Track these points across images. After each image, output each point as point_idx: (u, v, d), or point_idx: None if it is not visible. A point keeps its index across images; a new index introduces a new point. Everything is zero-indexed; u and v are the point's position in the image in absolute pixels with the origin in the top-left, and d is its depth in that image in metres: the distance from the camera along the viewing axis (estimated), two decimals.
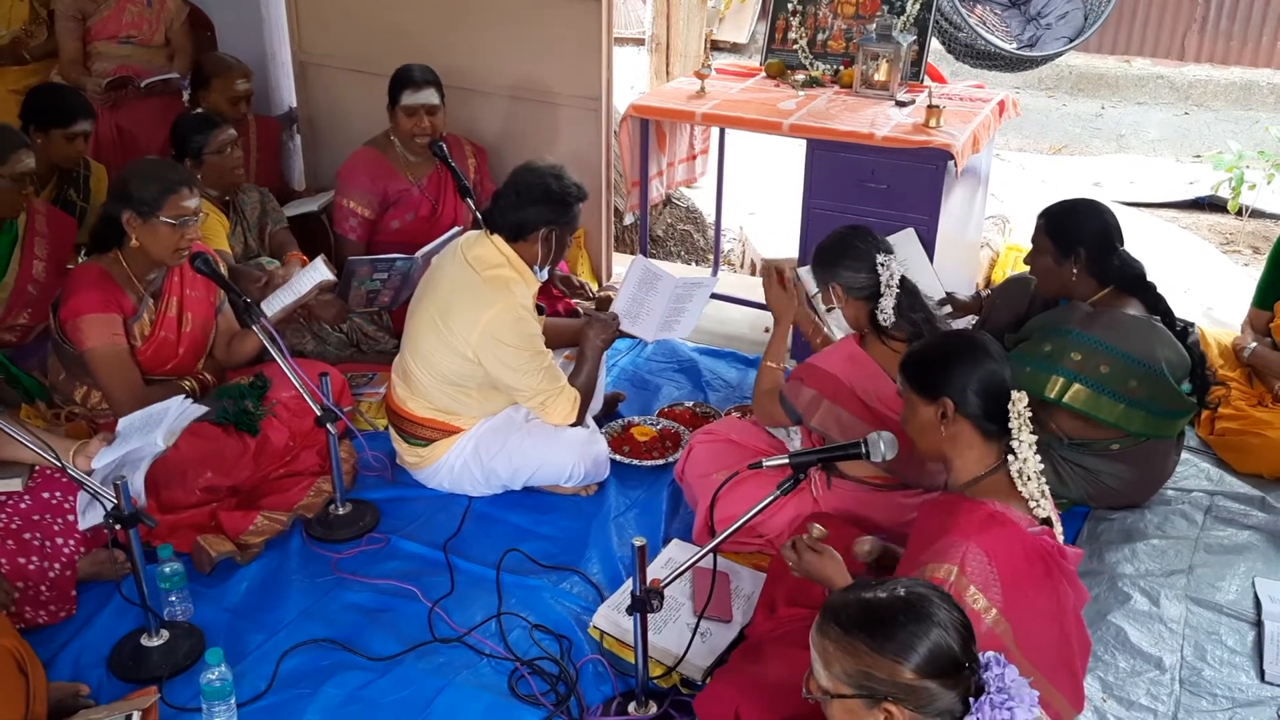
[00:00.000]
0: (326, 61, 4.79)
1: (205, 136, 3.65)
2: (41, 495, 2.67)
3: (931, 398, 2.13)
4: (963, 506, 2.07)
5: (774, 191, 5.86)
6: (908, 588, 1.61)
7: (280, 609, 2.75)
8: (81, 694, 2.41)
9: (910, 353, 2.24)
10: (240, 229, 3.88)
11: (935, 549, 2.01)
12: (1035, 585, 2.01)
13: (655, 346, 4.07)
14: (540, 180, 3.02)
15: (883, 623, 1.57)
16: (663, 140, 4.29)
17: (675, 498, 3.21)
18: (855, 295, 2.77)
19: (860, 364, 2.75)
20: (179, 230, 2.93)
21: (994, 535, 1.99)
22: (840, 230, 2.85)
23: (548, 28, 4.24)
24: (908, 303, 2.74)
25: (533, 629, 2.68)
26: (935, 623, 1.56)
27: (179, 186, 2.93)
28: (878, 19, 4.00)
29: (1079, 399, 2.99)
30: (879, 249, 2.75)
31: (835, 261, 2.78)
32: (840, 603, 1.63)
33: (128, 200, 2.92)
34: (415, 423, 3.15)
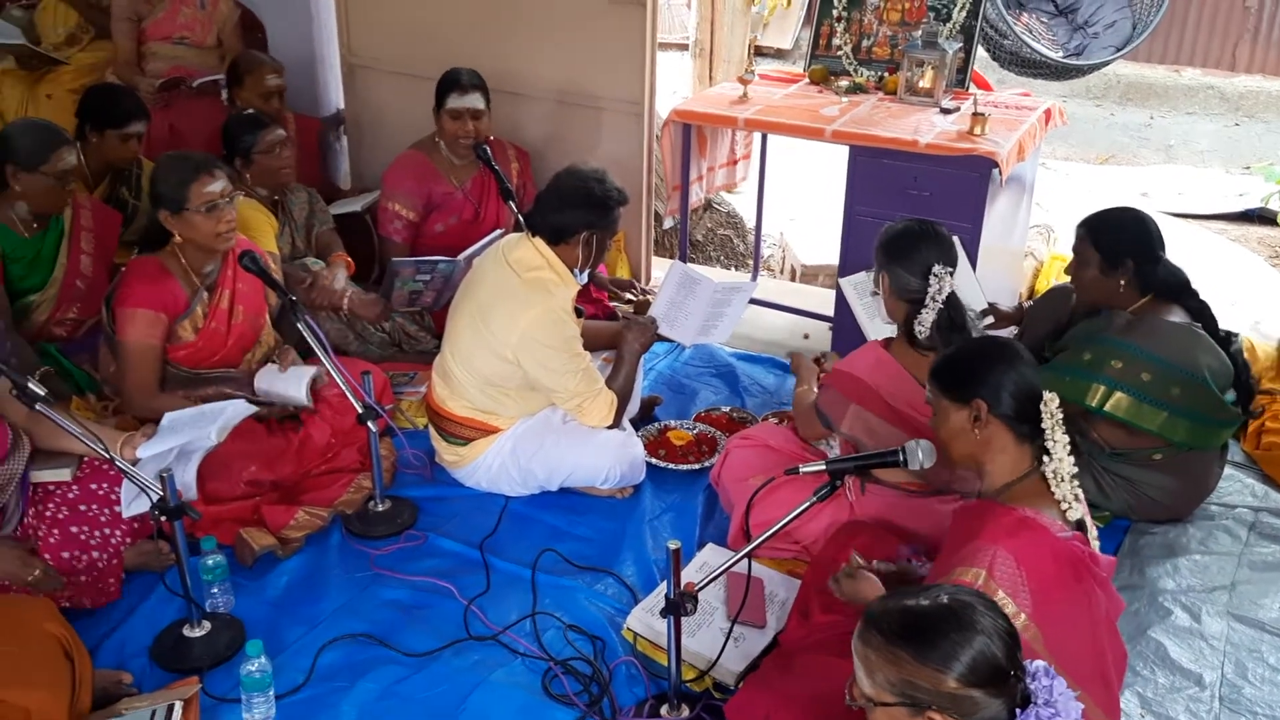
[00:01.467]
0: (374, 64, 4.85)
1: (254, 136, 3.69)
2: (89, 486, 2.73)
3: (963, 401, 2.11)
4: (993, 512, 2.06)
5: (815, 197, 5.85)
6: (951, 595, 1.59)
7: (319, 603, 2.79)
8: (124, 682, 2.45)
9: (940, 359, 2.22)
10: (289, 230, 3.92)
11: (963, 553, 2.00)
12: (1065, 590, 2.00)
13: (693, 351, 4.07)
14: (582, 184, 3.03)
15: (925, 631, 1.55)
16: (704, 145, 4.30)
17: (710, 502, 3.21)
18: (900, 295, 2.73)
19: (886, 367, 2.74)
20: (212, 216, 2.99)
21: (1023, 540, 1.98)
22: (913, 224, 2.76)
23: (592, 33, 4.26)
24: (949, 322, 2.67)
25: (567, 629, 2.70)
26: (979, 630, 1.54)
27: (198, 174, 2.98)
28: (923, 26, 3.98)
29: (1120, 407, 2.96)
30: (940, 258, 2.68)
31: (893, 255, 2.72)
32: (882, 610, 1.61)
33: (158, 200, 3.00)
34: (454, 422, 3.18)
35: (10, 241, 3.29)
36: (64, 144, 3.27)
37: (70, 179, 3.31)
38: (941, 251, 2.69)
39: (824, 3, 4.27)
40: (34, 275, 3.36)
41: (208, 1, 4.79)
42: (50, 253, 3.39)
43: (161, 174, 3.01)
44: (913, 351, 2.72)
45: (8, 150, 3.22)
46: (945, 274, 2.65)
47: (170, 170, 3.00)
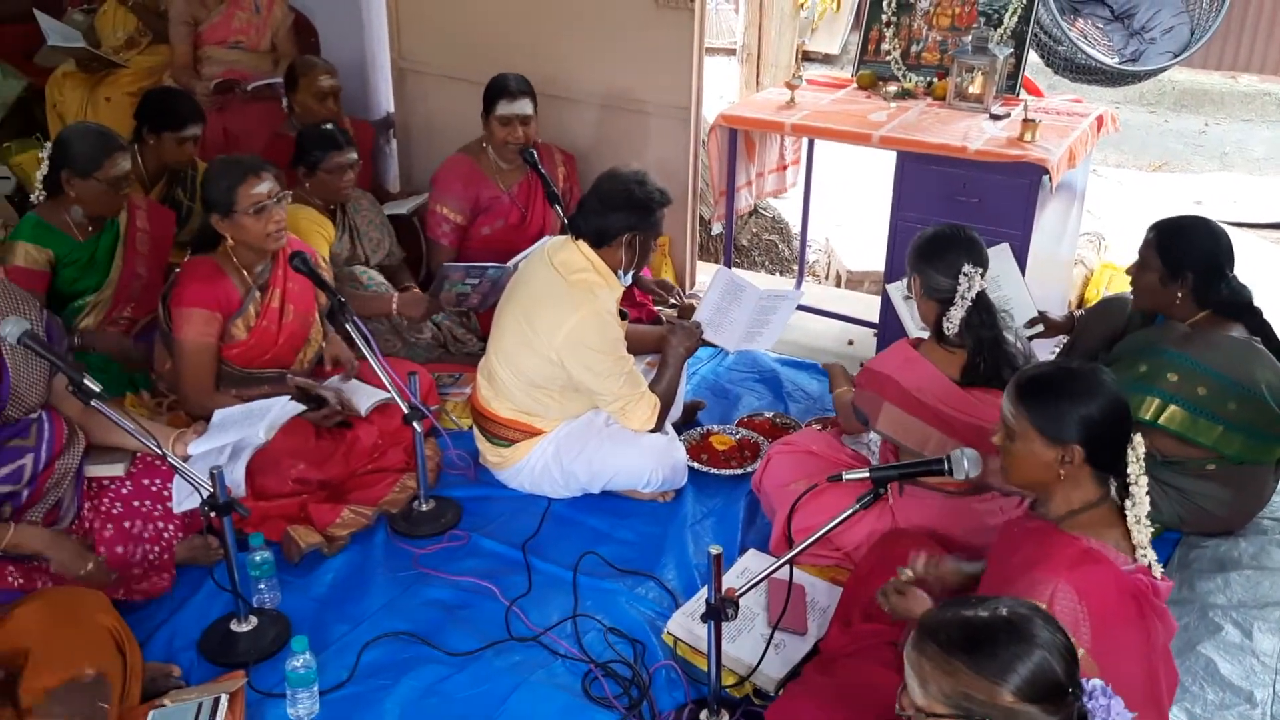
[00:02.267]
0: (424, 68, 4.89)
1: (324, 154, 3.67)
2: (142, 482, 2.78)
3: (1058, 441, 2.01)
4: (1056, 540, 2.00)
5: (861, 203, 5.82)
6: (1010, 607, 1.56)
7: (363, 601, 2.82)
8: (173, 675, 2.50)
9: (1034, 384, 2.08)
10: (348, 235, 3.91)
11: (1022, 584, 1.94)
12: (1126, 625, 1.94)
13: (736, 356, 4.07)
14: (623, 186, 3.04)
15: (982, 643, 1.52)
16: (752, 150, 4.29)
17: (752, 507, 3.21)
18: (931, 295, 2.74)
19: (915, 365, 2.74)
20: (261, 217, 3.03)
21: (1086, 573, 1.92)
22: (944, 229, 2.78)
23: (640, 38, 4.28)
24: (978, 319, 2.68)
25: (607, 632, 2.71)
26: (1038, 644, 1.51)
27: (245, 177, 3.02)
28: (974, 31, 3.95)
29: (1175, 421, 2.91)
30: (970, 259, 2.68)
31: (925, 258, 2.74)
32: (939, 620, 1.58)
33: (209, 204, 3.04)
34: (498, 423, 3.20)
35: (64, 245, 3.36)
36: (118, 150, 3.31)
37: (124, 184, 3.36)
38: (971, 252, 2.71)
39: (873, 7, 4.25)
40: (88, 278, 3.43)
41: (262, 6, 4.87)
42: (105, 255, 3.45)
43: (211, 178, 3.06)
44: (940, 349, 2.74)
45: (63, 156, 3.28)
46: (975, 273, 2.66)
47: (219, 175, 3.05)
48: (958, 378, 2.70)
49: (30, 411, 2.60)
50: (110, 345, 3.46)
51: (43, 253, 3.32)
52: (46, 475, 2.61)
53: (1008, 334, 2.73)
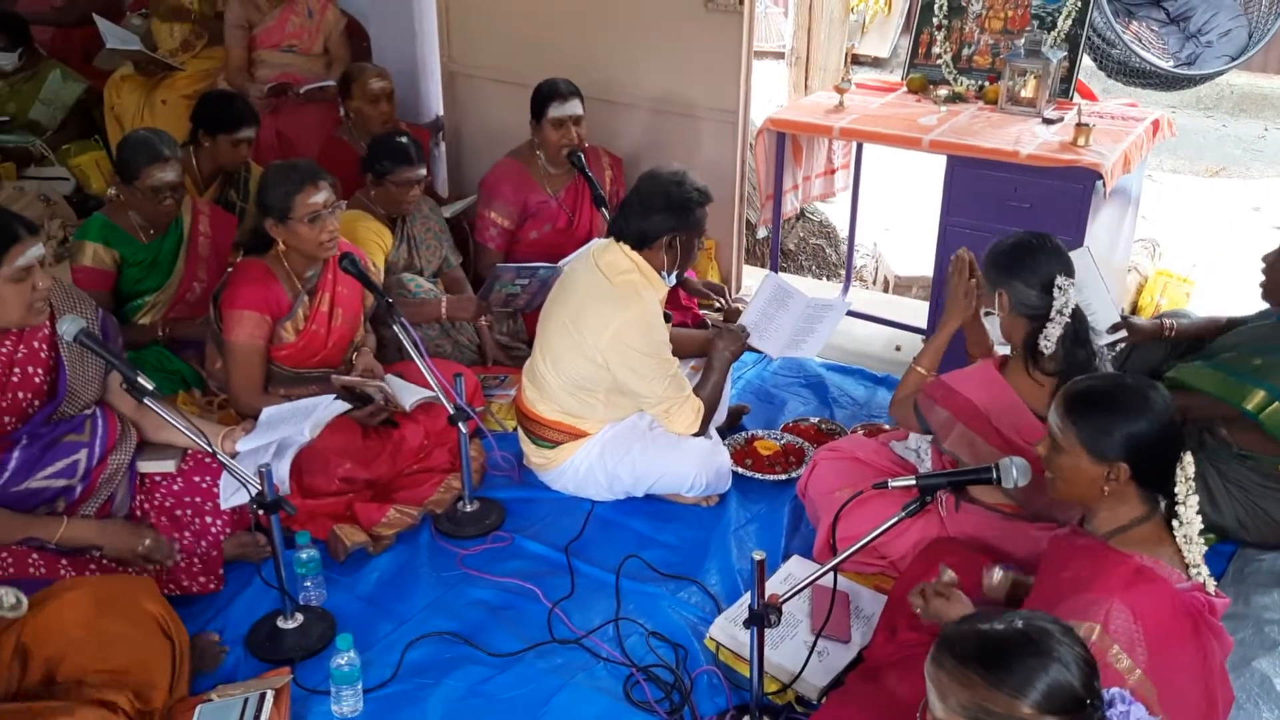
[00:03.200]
0: (474, 72, 4.93)
1: (394, 166, 3.68)
2: (193, 479, 2.82)
3: (1104, 458, 1.97)
4: (1108, 558, 1.96)
5: (910, 208, 5.77)
6: (1027, 620, 1.55)
7: (408, 600, 2.84)
8: (214, 640, 2.57)
9: (1082, 397, 2.02)
10: (407, 245, 3.92)
11: (1075, 604, 1.91)
12: (1182, 644, 1.90)
13: (782, 361, 4.04)
14: (660, 188, 3.04)
15: (1000, 656, 1.51)
16: (799, 154, 4.27)
17: (796, 513, 3.19)
18: (1020, 311, 2.60)
19: (998, 391, 2.62)
20: (315, 225, 3.06)
21: (1141, 592, 1.88)
22: (1024, 236, 2.63)
23: (688, 41, 4.27)
24: (1074, 337, 2.55)
25: (649, 636, 2.70)
26: (1055, 658, 1.49)
27: (302, 185, 3.04)
28: (1026, 34, 3.90)
29: (1276, 417, 2.83)
30: (1061, 269, 2.54)
31: (1011, 269, 2.60)
32: (956, 634, 1.57)
33: (265, 209, 3.08)
34: (543, 425, 3.21)
35: (129, 246, 3.42)
36: (158, 161, 3.34)
37: (164, 195, 3.38)
38: (1060, 260, 2.56)
39: (924, 10, 4.21)
40: (151, 278, 3.49)
41: (315, 10, 4.93)
42: (167, 258, 3.52)
43: (269, 183, 3.09)
44: (1029, 377, 2.60)
45: (117, 160, 3.37)
46: (1069, 285, 2.51)
47: (277, 181, 3.07)
48: (1043, 412, 2.54)
49: (85, 408, 2.66)
50: (194, 332, 3.51)
51: (110, 253, 3.39)
52: (100, 470, 2.66)
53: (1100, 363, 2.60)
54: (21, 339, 2.52)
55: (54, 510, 2.59)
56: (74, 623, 2.22)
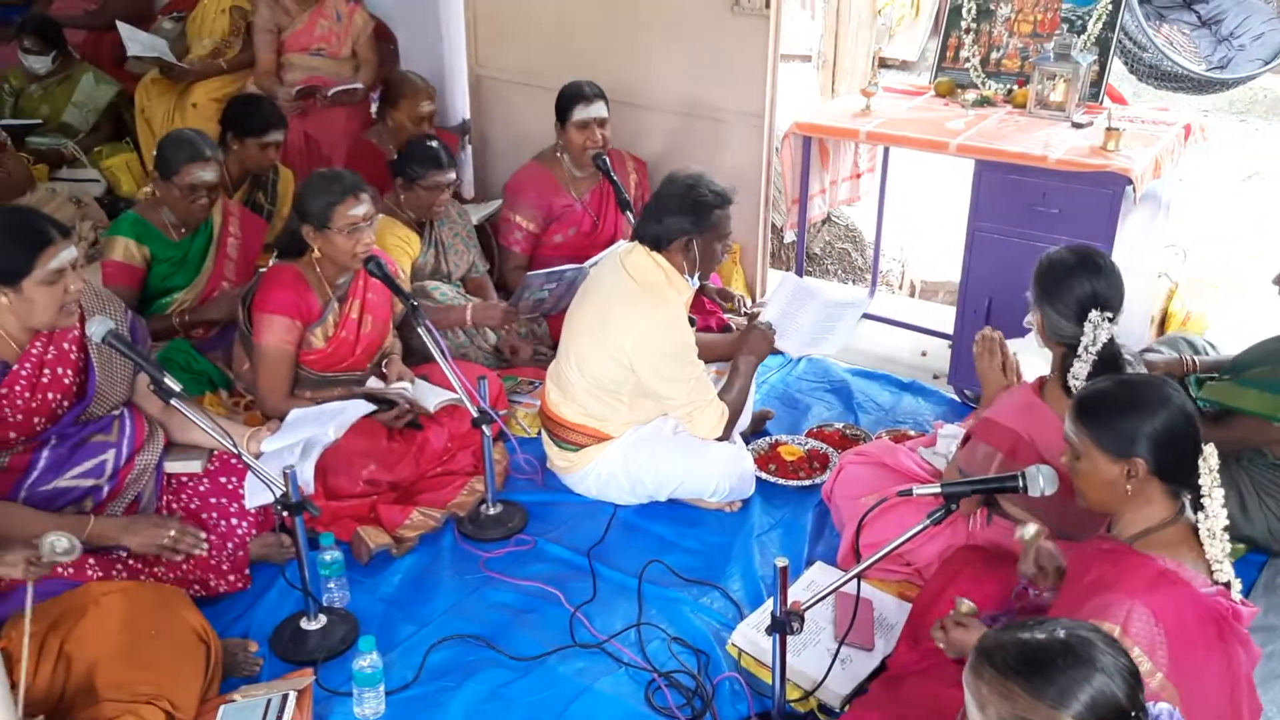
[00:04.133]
0: (500, 75, 4.94)
1: (425, 171, 3.69)
2: (219, 479, 2.84)
3: (1119, 455, 1.96)
4: (1129, 561, 1.94)
5: (937, 212, 5.73)
6: (1069, 629, 1.52)
7: (430, 603, 2.84)
8: (250, 649, 2.57)
9: (1092, 400, 2.02)
10: (435, 250, 3.93)
11: (1096, 605, 1.89)
12: (1206, 649, 1.88)
13: (807, 365, 4.03)
14: (676, 191, 3.03)
15: (1041, 667, 1.48)
16: (825, 158, 4.26)
17: (820, 520, 3.17)
18: (1053, 337, 2.54)
19: (1038, 414, 2.54)
20: (352, 237, 3.07)
21: (1163, 594, 1.87)
22: (1067, 255, 2.50)
23: (715, 44, 4.26)
24: (1104, 370, 2.40)
25: (671, 641, 2.69)
26: (1098, 668, 1.46)
27: (344, 197, 3.05)
28: (1056, 38, 3.86)
29: None
30: (1097, 300, 2.41)
31: (1046, 291, 2.51)
32: (996, 644, 1.54)
33: (304, 216, 3.09)
34: (566, 427, 3.21)
35: (159, 244, 3.46)
36: (198, 160, 3.37)
37: (200, 193, 3.41)
38: (1100, 288, 2.42)
39: (952, 14, 4.18)
40: (179, 276, 3.52)
41: (343, 14, 4.96)
42: (196, 256, 3.54)
43: (311, 190, 3.09)
44: (1068, 400, 2.49)
45: (156, 157, 3.40)
46: (1103, 321, 2.38)
47: (320, 189, 3.07)
48: None
49: (113, 408, 2.69)
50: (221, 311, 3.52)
51: (140, 250, 3.42)
52: (127, 470, 2.68)
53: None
54: (51, 340, 2.55)
55: (81, 510, 2.61)
56: (113, 631, 2.24)
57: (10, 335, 2.49)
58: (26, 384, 2.50)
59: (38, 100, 5.45)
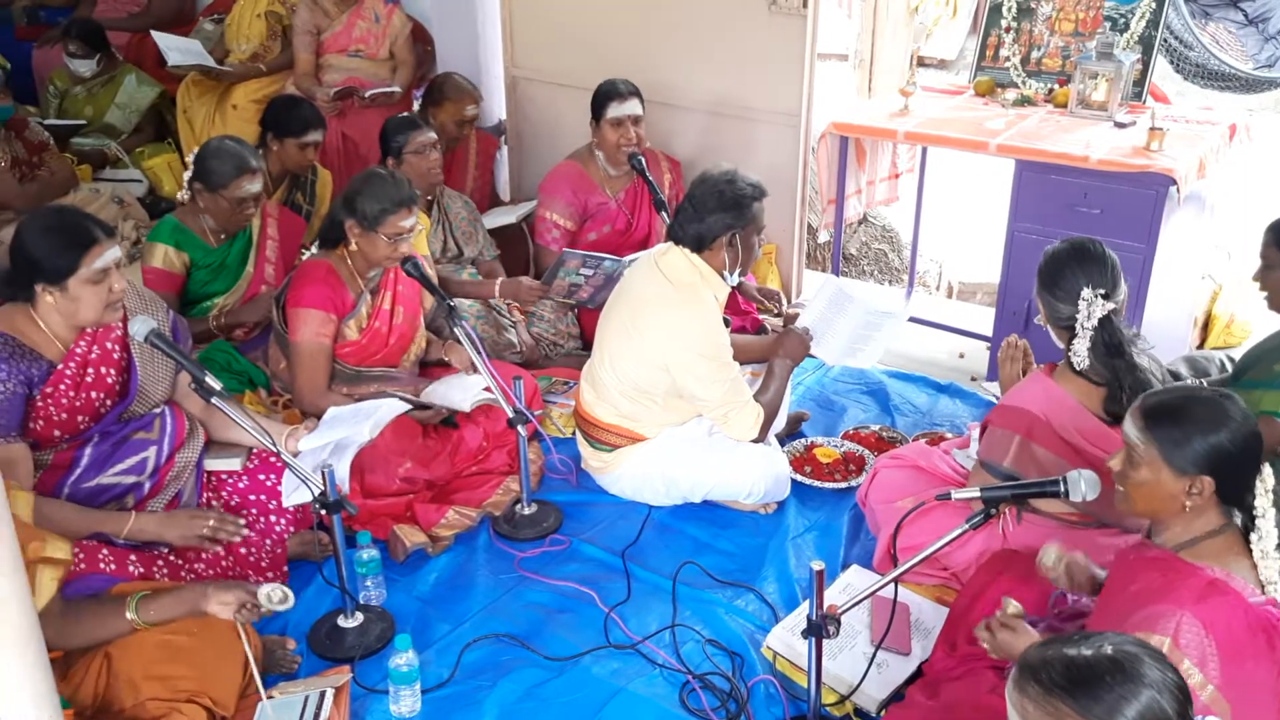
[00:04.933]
0: (535, 76, 4.95)
1: (405, 137, 3.79)
2: (258, 477, 2.87)
3: (1186, 472, 1.91)
4: (1178, 570, 1.91)
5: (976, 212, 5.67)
6: (1115, 645, 1.48)
7: (465, 602, 2.85)
8: (288, 647, 2.58)
9: (1164, 411, 1.96)
10: (442, 228, 4.00)
11: (1143, 616, 1.86)
12: (1257, 660, 1.83)
13: (843, 367, 4.00)
14: (713, 188, 3.03)
15: (1087, 683, 1.44)
16: (862, 158, 4.23)
17: (856, 522, 3.15)
18: (1055, 324, 2.61)
19: (1051, 394, 2.58)
20: (393, 244, 3.11)
21: (1213, 605, 1.83)
22: (1062, 247, 2.61)
23: (751, 43, 4.25)
24: (1104, 348, 2.51)
25: (706, 643, 2.69)
26: (1146, 684, 1.43)
27: (399, 207, 3.09)
28: (1098, 36, 3.82)
29: None
30: (1089, 279, 2.52)
31: (1044, 282, 2.60)
32: (1040, 659, 1.50)
33: (353, 211, 3.11)
34: (601, 428, 3.21)
35: (198, 250, 3.49)
36: (247, 173, 3.39)
37: (249, 205, 3.44)
38: (1092, 271, 2.52)
39: (992, 13, 4.15)
40: (219, 281, 3.55)
41: (381, 15, 4.99)
42: (236, 260, 3.58)
43: (370, 192, 3.11)
44: (1080, 380, 2.57)
45: (199, 168, 3.40)
46: (1096, 296, 2.49)
47: (378, 194, 3.10)
48: (1101, 413, 2.54)
49: (155, 406, 2.72)
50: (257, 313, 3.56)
51: (180, 256, 3.45)
52: (168, 468, 2.71)
53: (1141, 358, 2.54)
54: (95, 339, 2.58)
55: (123, 506, 2.65)
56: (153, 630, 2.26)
57: (56, 334, 2.53)
58: (71, 382, 2.53)
59: (82, 102, 5.53)
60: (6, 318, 2.51)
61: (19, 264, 2.48)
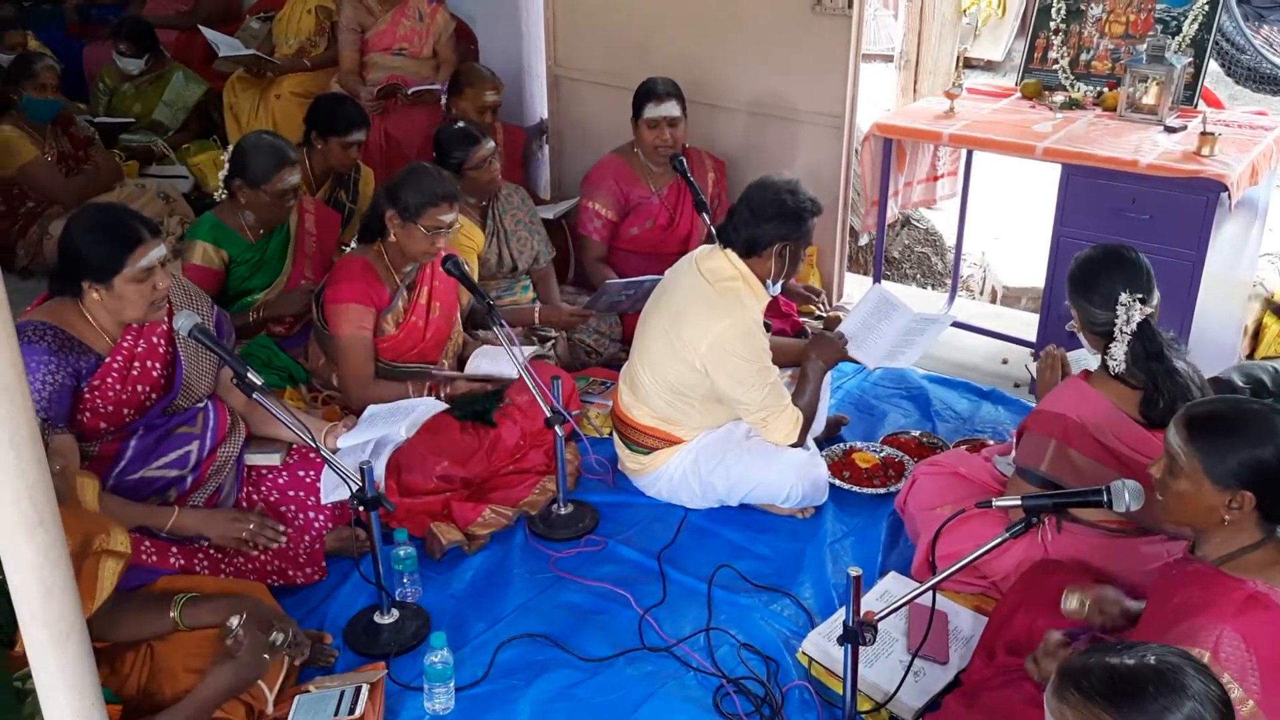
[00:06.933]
0: (578, 75, 4.96)
1: (466, 152, 3.74)
2: (297, 473, 2.89)
3: (1227, 487, 1.89)
4: (1219, 584, 1.88)
5: (1020, 216, 5.61)
6: (1158, 655, 1.46)
7: (501, 601, 2.86)
8: (326, 641, 2.59)
9: (1207, 421, 1.93)
10: (496, 240, 3.97)
11: (1183, 629, 1.83)
12: None
13: (883, 372, 3.96)
14: (775, 196, 3.01)
15: (1129, 694, 1.42)
16: (902, 160, 4.19)
17: (894, 529, 3.12)
18: (1091, 330, 2.58)
19: (1091, 401, 2.54)
20: (432, 238, 3.13)
21: (1254, 619, 1.80)
22: (1096, 251, 2.60)
23: (795, 44, 4.23)
24: (1143, 352, 2.48)
25: (741, 647, 2.67)
26: (1189, 695, 1.40)
27: (440, 201, 3.11)
28: (1149, 39, 3.76)
29: None
30: (1126, 284, 2.49)
31: (1078, 288, 2.59)
32: (1082, 667, 1.48)
33: (394, 201, 3.13)
34: (638, 430, 3.21)
35: (237, 246, 3.53)
36: (287, 165, 3.42)
37: (290, 198, 3.47)
38: (1128, 275, 2.51)
39: (1040, 14, 4.09)
40: (258, 277, 3.59)
41: (425, 14, 5.02)
42: (274, 256, 3.61)
43: (413, 184, 3.13)
44: (1116, 384, 2.54)
45: (238, 165, 3.44)
46: (1133, 301, 2.46)
47: (421, 185, 3.12)
48: (1138, 417, 2.51)
49: (198, 401, 2.75)
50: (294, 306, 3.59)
51: (219, 253, 3.49)
52: (209, 462, 2.75)
53: (1179, 362, 2.51)
54: (141, 334, 2.61)
55: (165, 499, 2.68)
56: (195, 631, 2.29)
57: (103, 329, 2.57)
58: (118, 376, 2.57)
59: (130, 99, 5.62)
60: (56, 311, 2.55)
61: (67, 260, 2.52)
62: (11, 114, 4.69)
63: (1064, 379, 2.81)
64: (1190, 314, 3.43)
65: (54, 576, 1.23)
